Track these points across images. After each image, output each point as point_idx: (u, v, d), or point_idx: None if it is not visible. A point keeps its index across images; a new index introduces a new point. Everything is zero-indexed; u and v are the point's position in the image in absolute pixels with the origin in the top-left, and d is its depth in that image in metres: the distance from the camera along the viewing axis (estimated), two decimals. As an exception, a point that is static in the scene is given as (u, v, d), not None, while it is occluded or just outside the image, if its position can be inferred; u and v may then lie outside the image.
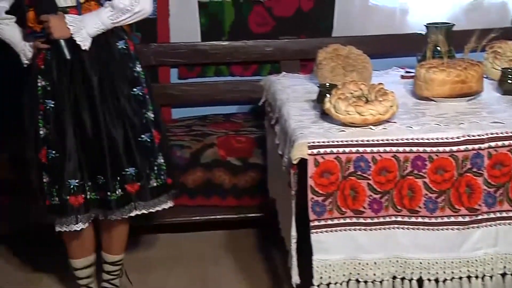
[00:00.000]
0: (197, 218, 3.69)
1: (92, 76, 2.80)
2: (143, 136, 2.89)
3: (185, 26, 4.05)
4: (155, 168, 2.92)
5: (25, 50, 2.88)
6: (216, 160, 3.65)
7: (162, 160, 2.94)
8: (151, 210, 2.93)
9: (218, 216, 3.69)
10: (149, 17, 3.72)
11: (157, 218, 3.29)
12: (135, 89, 2.91)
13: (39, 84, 2.82)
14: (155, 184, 2.92)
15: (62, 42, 2.73)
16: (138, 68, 2.94)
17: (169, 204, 3.01)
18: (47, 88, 2.81)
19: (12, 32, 2.89)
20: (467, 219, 2.46)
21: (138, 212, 2.90)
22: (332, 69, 2.99)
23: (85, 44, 2.75)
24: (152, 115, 2.94)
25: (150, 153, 2.91)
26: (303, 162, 2.42)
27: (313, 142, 2.42)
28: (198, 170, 3.64)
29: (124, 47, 2.90)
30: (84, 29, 2.73)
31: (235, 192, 3.67)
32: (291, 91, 3.09)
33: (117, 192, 2.83)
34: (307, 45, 4.01)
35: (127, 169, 2.83)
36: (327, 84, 2.81)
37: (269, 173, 3.45)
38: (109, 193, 2.82)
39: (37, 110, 2.82)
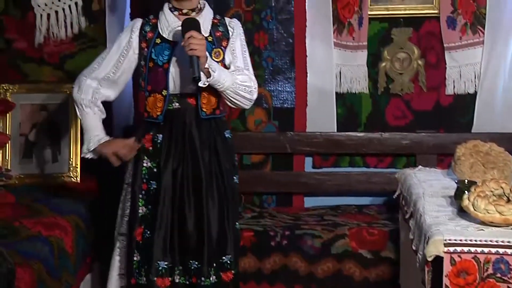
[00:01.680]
0: (325, 309, 3.65)
1: (200, 160, 2.87)
2: (236, 223, 2.96)
3: (321, 116, 4.14)
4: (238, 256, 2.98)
5: (90, 141, 2.97)
6: (347, 251, 3.64)
7: None
8: None
9: (347, 309, 3.64)
10: (287, 106, 4.09)
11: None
12: (234, 177, 3.00)
13: (144, 165, 2.90)
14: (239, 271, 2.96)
15: (195, 59, 2.71)
16: (236, 158, 3.06)
17: None
18: (153, 169, 2.90)
19: (94, 120, 3.01)
20: None
21: None
22: (471, 165, 2.94)
23: (206, 77, 2.75)
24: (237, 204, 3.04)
25: (239, 241, 3.01)
26: (438, 260, 2.36)
27: (450, 240, 2.35)
28: (328, 261, 3.64)
29: (230, 136, 3.01)
30: (217, 66, 2.79)
31: (365, 285, 3.62)
32: (427, 186, 3.04)
33: (211, 279, 2.83)
34: (445, 140, 3.99)
35: (224, 257, 2.86)
36: (466, 180, 2.75)
37: (401, 268, 3.38)
38: (202, 279, 2.82)
39: (139, 189, 2.90)
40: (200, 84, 2.75)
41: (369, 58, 4.12)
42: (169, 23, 2.92)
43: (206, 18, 2.94)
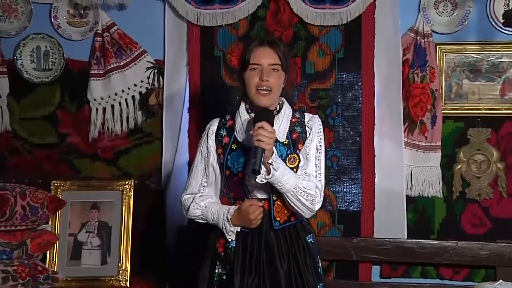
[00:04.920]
0: None
1: (280, 268, 2.88)
2: None
3: (390, 221, 4.10)
4: None
5: (224, 227, 2.98)
6: None
7: None
8: None
9: None
10: (352, 209, 4.14)
11: None
12: (319, 286, 2.99)
13: (216, 271, 2.96)
14: None
15: (260, 151, 2.75)
16: (320, 264, 3.03)
17: None
18: (222, 276, 2.94)
19: (213, 212, 3.02)
20: None
21: None
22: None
23: (267, 173, 2.78)
24: None
25: None
26: None
27: None
28: None
29: (312, 241, 3.03)
30: (280, 164, 2.82)
31: None
32: (510, 304, 2.96)
33: None
34: (529, 252, 3.90)
35: None
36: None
37: None
38: None
39: None
40: (258, 179, 2.78)
41: (443, 160, 4.13)
42: (244, 126, 2.99)
43: (284, 120, 3.01)
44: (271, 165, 2.78)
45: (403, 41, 4.11)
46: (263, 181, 2.79)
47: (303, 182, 2.89)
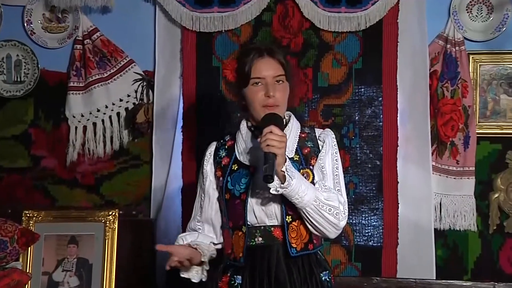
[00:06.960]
0: None
1: None
2: None
3: (416, 258, 4.00)
4: None
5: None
6: None
7: None
8: None
9: None
10: (372, 244, 4.02)
11: None
12: None
13: None
14: None
15: (272, 156, 2.65)
16: None
17: None
18: None
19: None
20: None
21: None
22: None
23: (281, 182, 2.69)
24: None
25: None
26: None
27: None
28: None
29: (328, 279, 2.92)
30: (296, 173, 2.72)
31: None
32: None
33: None
34: None
35: None
36: None
37: None
38: None
39: None
40: (272, 189, 2.69)
41: (477, 187, 4.05)
42: (246, 144, 2.92)
43: (291, 135, 2.92)
44: (285, 173, 2.69)
45: (431, 49, 4.04)
46: (278, 190, 2.70)
47: (324, 194, 2.80)
